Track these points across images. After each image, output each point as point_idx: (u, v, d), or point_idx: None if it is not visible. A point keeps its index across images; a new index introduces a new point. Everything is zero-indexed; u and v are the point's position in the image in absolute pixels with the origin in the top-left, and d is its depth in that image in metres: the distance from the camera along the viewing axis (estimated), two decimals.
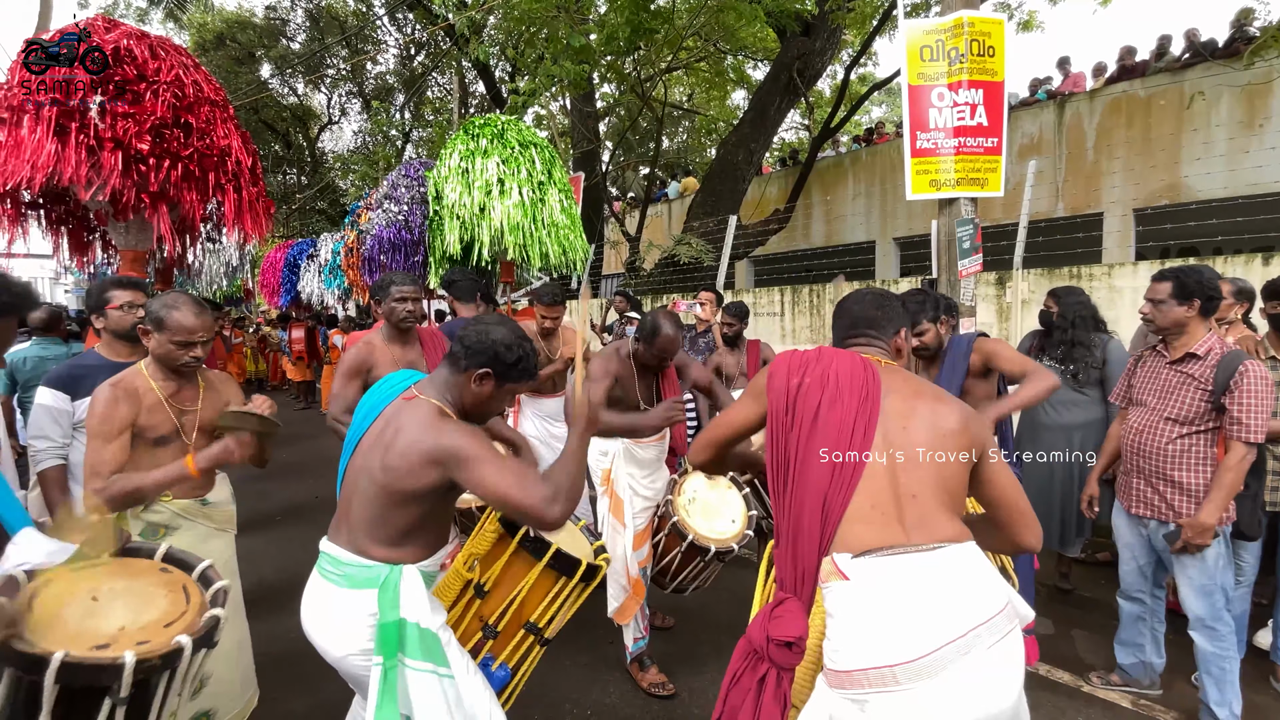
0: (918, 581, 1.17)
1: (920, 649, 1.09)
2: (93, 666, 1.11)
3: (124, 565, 1.38)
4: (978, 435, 1.34)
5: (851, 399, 1.29)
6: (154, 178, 2.67)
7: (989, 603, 1.17)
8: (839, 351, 1.41)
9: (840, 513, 1.21)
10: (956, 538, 1.23)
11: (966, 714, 1.09)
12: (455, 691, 1.45)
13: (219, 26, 19.33)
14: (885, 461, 1.25)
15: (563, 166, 4.78)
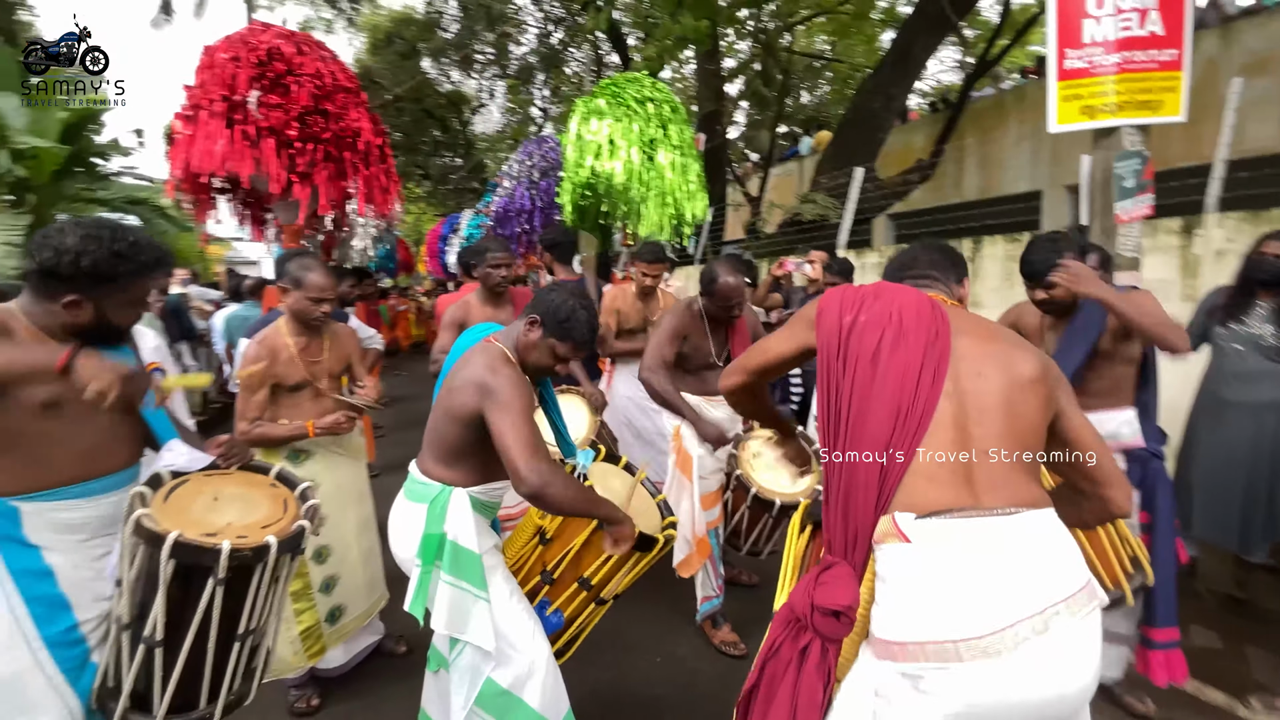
0: (990, 549, 1.04)
1: (990, 624, 0.99)
2: (196, 548, 1.36)
3: (244, 477, 1.67)
4: (1057, 384, 1.20)
5: (919, 339, 1.15)
6: (300, 160, 3.08)
7: (1070, 578, 1.04)
8: (901, 287, 1.26)
9: (903, 469, 1.10)
10: (1035, 503, 1.09)
11: (1034, 696, 0.99)
12: (488, 614, 1.57)
13: (389, 26, 21.36)
14: (954, 412, 1.12)
15: (686, 121, 4.61)
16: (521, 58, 21.55)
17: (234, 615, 1.45)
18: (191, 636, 1.40)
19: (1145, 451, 2.09)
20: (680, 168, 4.32)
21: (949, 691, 0.99)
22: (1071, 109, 2.81)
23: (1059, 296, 2.10)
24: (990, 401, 1.14)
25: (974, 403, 1.13)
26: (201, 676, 1.45)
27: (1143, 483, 2.09)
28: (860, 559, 1.14)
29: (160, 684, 1.40)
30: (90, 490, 1.48)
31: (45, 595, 1.43)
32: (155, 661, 1.39)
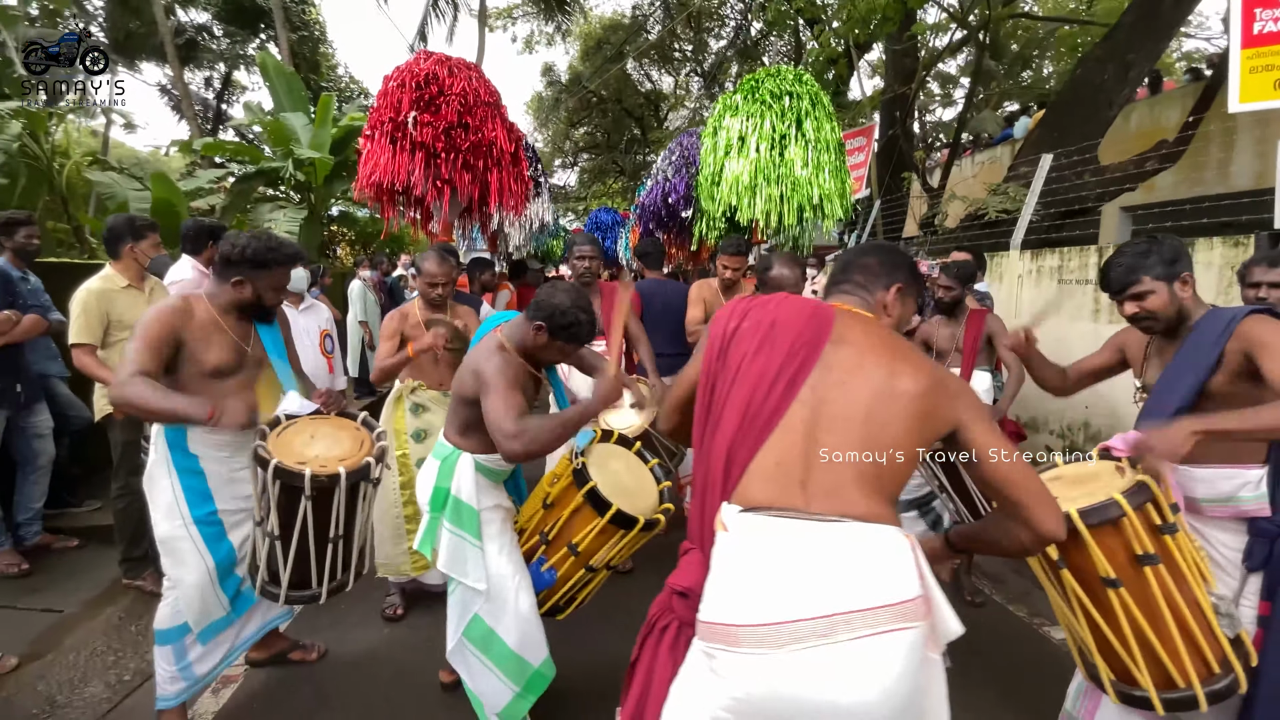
0: (795, 549, 1.06)
1: (770, 616, 1.02)
2: (288, 471, 1.83)
3: (338, 422, 2.14)
4: (953, 398, 1.16)
5: (783, 346, 1.18)
6: (444, 169, 3.67)
7: (874, 593, 1.02)
8: (793, 297, 1.28)
9: (744, 466, 1.14)
10: (867, 516, 1.08)
11: (808, 697, 0.99)
12: (481, 561, 1.84)
13: (599, 33, 23.07)
14: (806, 417, 1.13)
15: (829, 114, 4.41)
16: (718, 52, 21.79)
17: (324, 523, 1.93)
18: (296, 534, 1.91)
19: (1273, 525, 1.63)
20: (814, 163, 4.16)
21: (731, 675, 1.02)
22: (1262, 83, 2.20)
23: (1153, 308, 1.72)
24: (846, 411, 1.12)
25: (829, 411, 1.13)
26: (309, 565, 1.96)
27: (1267, 564, 1.64)
28: (710, 546, 1.18)
29: (281, 566, 1.93)
30: None
31: (197, 487, 2.03)
32: (276, 549, 1.93)
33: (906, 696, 1.02)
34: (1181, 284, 1.71)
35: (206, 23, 17.95)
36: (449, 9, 18.23)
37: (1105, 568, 1.51)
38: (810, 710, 0.99)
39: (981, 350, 3.04)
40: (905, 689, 1.01)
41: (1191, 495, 1.73)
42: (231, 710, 2.22)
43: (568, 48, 23.78)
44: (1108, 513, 1.48)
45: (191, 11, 17.56)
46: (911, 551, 1.09)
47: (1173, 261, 1.71)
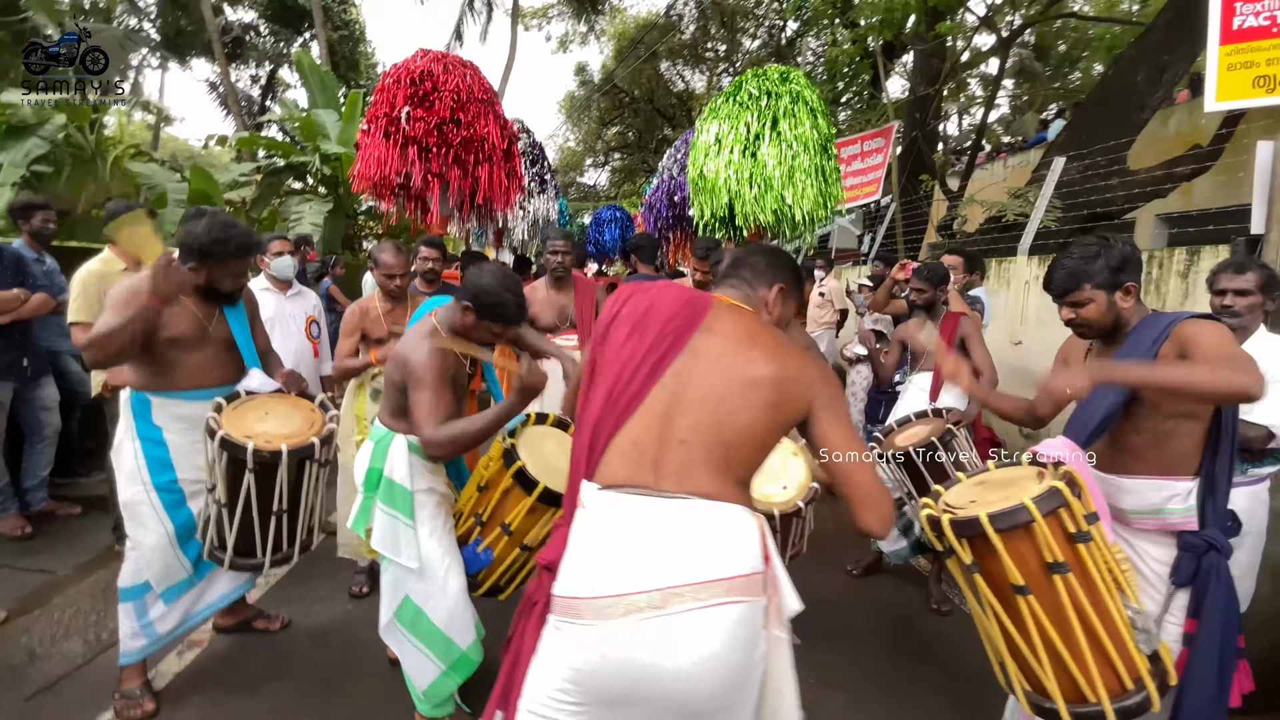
0: (640, 525, 1.11)
1: (608, 589, 1.07)
2: (233, 443, 1.93)
3: (295, 402, 2.24)
4: (799, 395, 1.19)
5: (652, 333, 1.22)
6: (435, 163, 3.77)
7: (708, 567, 1.06)
8: (670, 285, 1.33)
9: (606, 445, 1.18)
10: (714, 494, 1.12)
11: (643, 666, 1.04)
12: (414, 541, 1.90)
13: (633, 33, 23.15)
14: (665, 401, 1.17)
15: (816, 111, 4.31)
16: (751, 52, 21.64)
17: (267, 496, 2.03)
18: (240, 504, 2.01)
19: (1201, 540, 1.57)
20: (789, 162, 4.09)
21: (572, 646, 1.07)
22: (1240, 81, 2.11)
23: (1088, 316, 1.67)
24: (703, 396, 1.16)
25: (688, 395, 1.17)
26: (254, 534, 2.06)
27: (1194, 580, 1.59)
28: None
29: (227, 532, 2.04)
30: (195, 396, 2.16)
31: (159, 456, 2.14)
32: (223, 516, 2.03)
33: (735, 667, 1.06)
34: (1124, 293, 1.65)
35: (253, 21, 18.65)
36: (484, 8, 18.59)
37: (1015, 574, 1.48)
38: (641, 678, 1.03)
39: (956, 354, 2.97)
40: (734, 659, 1.05)
41: (1119, 506, 1.68)
42: (192, 671, 2.34)
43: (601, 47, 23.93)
44: (1016, 518, 1.45)
45: (239, 10, 18.28)
46: (755, 530, 1.13)
47: (1118, 270, 1.64)
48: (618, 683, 1.05)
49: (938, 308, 3.09)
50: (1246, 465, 2.00)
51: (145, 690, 2.13)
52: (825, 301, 6.49)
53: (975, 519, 1.48)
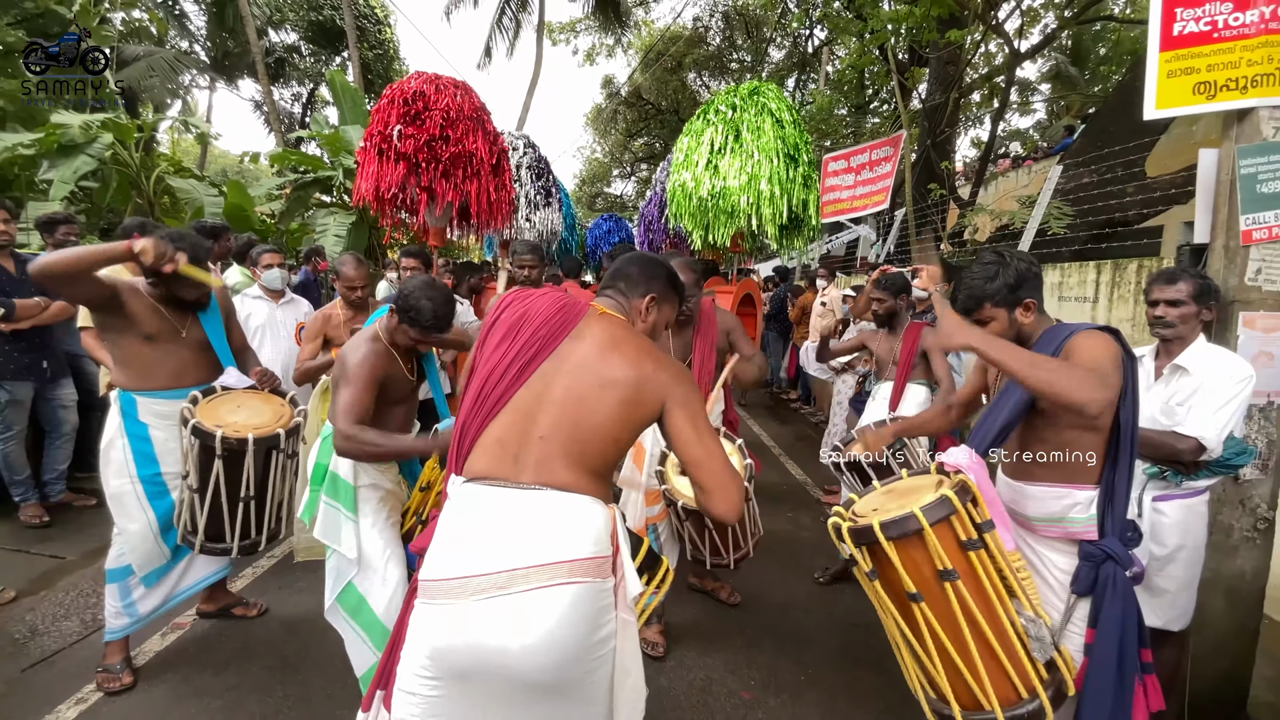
0: (492, 513, 1.20)
1: (457, 570, 1.16)
2: (204, 431, 2.11)
3: (267, 397, 2.41)
4: (653, 396, 1.28)
5: (523, 337, 1.33)
6: (425, 178, 3.95)
7: (550, 550, 1.15)
8: (547, 292, 1.42)
9: (472, 442, 1.28)
10: (566, 486, 1.21)
11: (488, 644, 1.13)
12: (355, 533, 2.03)
13: (660, 45, 23.41)
14: (530, 400, 1.27)
15: (783, 122, 4.35)
16: (777, 62, 21.64)
17: (235, 483, 2.20)
18: (210, 490, 2.18)
19: (1098, 549, 1.58)
20: (749, 172, 4.11)
21: (429, 624, 1.17)
22: (1180, 88, 2.11)
23: (993, 333, 1.70)
24: (564, 396, 1.25)
25: (551, 395, 1.26)
26: (223, 520, 2.23)
27: (1094, 589, 1.59)
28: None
29: (199, 516, 2.21)
30: (177, 394, 2.34)
31: (144, 450, 2.33)
32: (195, 502, 2.21)
33: (574, 644, 1.14)
34: (1024, 310, 1.67)
35: (295, 43, 19.54)
36: (512, 25, 19.08)
37: (908, 582, 1.52)
38: (486, 653, 1.12)
39: (917, 364, 2.99)
40: (573, 637, 1.13)
41: (1025, 513, 1.70)
42: (171, 650, 2.52)
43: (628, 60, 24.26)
44: (906, 526, 1.49)
45: (282, 32, 19.19)
46: (603, 518, 1.22)
47: (1015, 288, 1.66)
48: (466, 658, 1.14)
49: (901, 317, 3.10)
50: (1180, 478, 1.98)
51: (125, 665, 2.31)
52: (827, 310, 6.47)
53: (869, 527, 1.53)
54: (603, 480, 1.28)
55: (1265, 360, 2.08)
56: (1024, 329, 1.67)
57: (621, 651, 1.24)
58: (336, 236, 8.55)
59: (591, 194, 27.25)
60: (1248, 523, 2.16)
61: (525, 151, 6.34)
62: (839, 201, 8.67)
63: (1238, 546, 2.17)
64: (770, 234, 4.23)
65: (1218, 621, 2.22)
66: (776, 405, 8.12)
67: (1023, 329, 1.67)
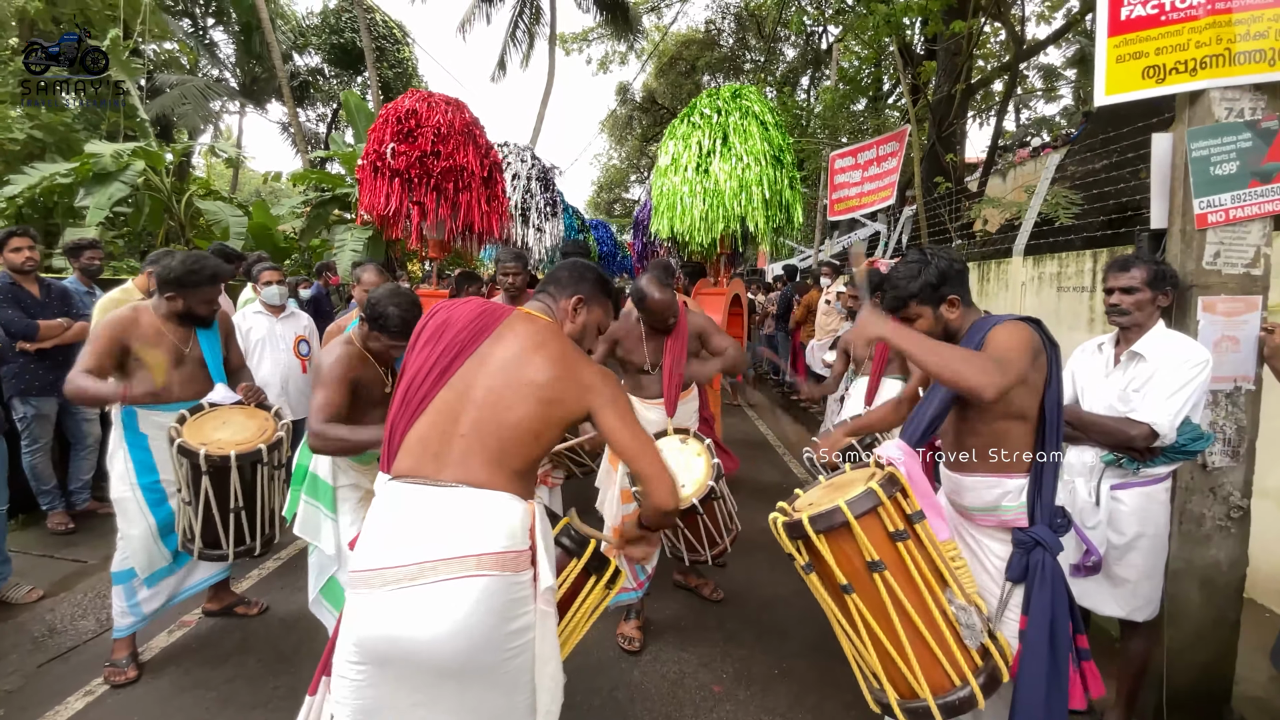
0: (410, 509, 1.27)
1: (373, 563, 1.24)
2: (188, 449, 2.25)
3: (253, 412, 2.55)
4: (575, 396, 1.35)
5: (444, 341, 1.40)
6: (417, 193, 4.10)
7: (461, 544, 1.22)
8: (474, 301, 1.49)
9: (399, 442, 1.36)
10: (483, 483, 1.28)
11: (401, 634, 1.20)
12: (334, 531, 2.15)
13: (673, 50, 23.52)
14: (452, 400, 1.34)
15: (769, 125, 4.36)
16: (790, 61, 21.53)
17: (223, 495, 2.33)
18: (201, 502, 2.32)
19: (1028, 536, 1.59)
20: (739, 177, 4.15)
21: (353, 612, 1.24)
22: (1129, 72, 2.10)
23: (921, 330, 1.72)
24: (484, 397, 1.32)
25: (471, 396, 1.33)
26: (216, 529, 2.37)
27: (1025, 577, 1.60)
28: None
29: (194, 528, 2.35)
30: (174, 408, 2.50)
31: (144, 460, 2.49)
32: (189, 513, 2.35)
33: (485, 634, 1.20)
34: (948, 305, 1.69)
35: (319, 65, 20.21)
36: (525, 38, 19.41)
37: (839, 574, 1.56)
38: (401, 643, 1.20)
39: (893, 359, 2.99)
40: (482, 628, 1.19)
41: (963, 503, 1.72)
42: (176, 646, 2.68)
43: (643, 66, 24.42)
44: (833, 519, 1.52)
45: (306, 56, 19.87)
46: (519, 513, 1.28)
47: (937, 286, 1.68)
48: (384, 646, 1.21)
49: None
50: (1136, 465, 1.96)
51: (130, 660, 2.47)
52: (832, 308, 6.45)
53: (799, 522, 1.57)
54: (523, 477, 1.33)
55: (1230, 345, 2.05)
56: (951, 324, 1.70)
57: (540, 641, 1.29)
58: (354, 251, 8.83)
59: (610, 200, 27.46)
60: (1220, 511, 2.12)
61: (534, 164, 6.48)
62: (847, 199, 8.62)
63: (1210, 535, 2.13)
64: (763, 234, 4.26)
65: (1194, 613, 2.17)
66: (785, 403, 8.10)
67: (949, 324, 1.70)
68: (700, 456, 2.46)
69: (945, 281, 1.67)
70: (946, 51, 9.15)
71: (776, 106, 4.33)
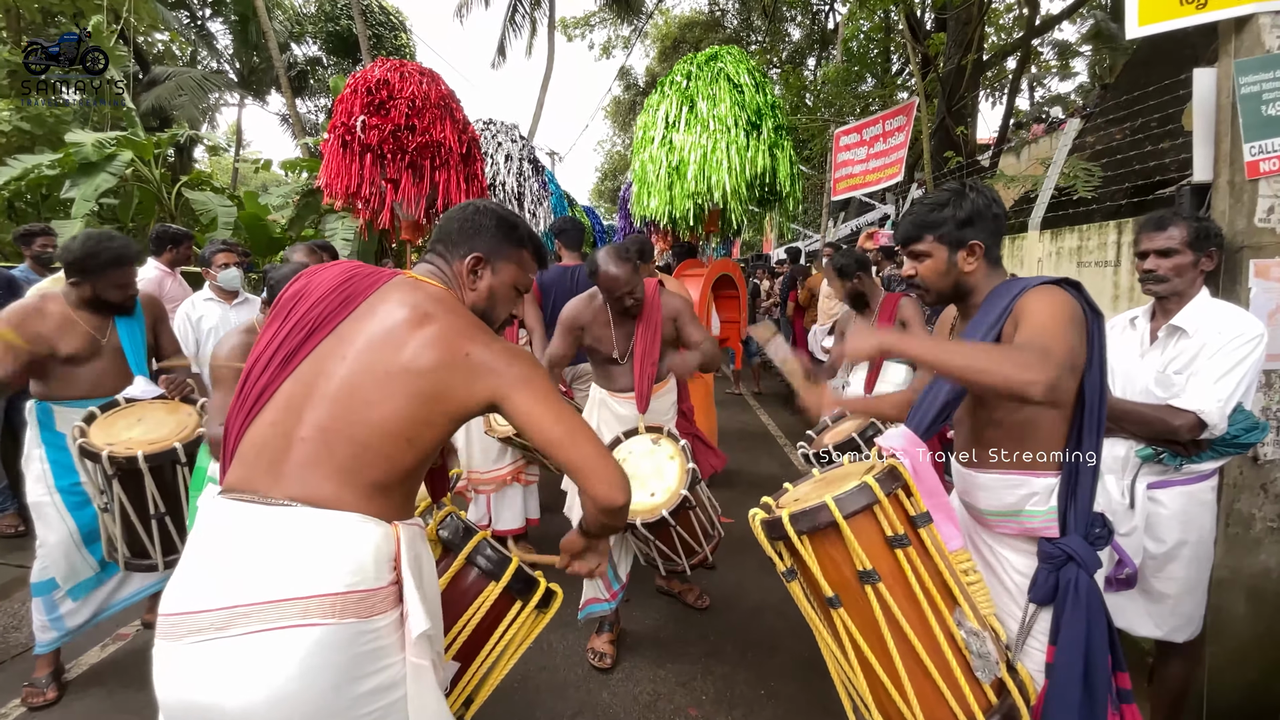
0: (231, 535, 0.99)
1: (174, 605, 0.96)
2: (90, 452, 2.01)
3: (175, 406, 2.31)
4: (467, 384, 1.06)
5: (294, 318, 1.10)
6: (391, 169, 3.83)
7: (286, 584, 0.93)
8: (342, 264, 1.18)
9: (234, 447, 1.09)
10: (329, 501, 0.99)
11: (200, 701, 0.91)
12: None
13: (675, 33, 23.04)
14: (297, 395, 1.05)
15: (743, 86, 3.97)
16: (796, 41, 21.02)
17: (140, 500, 2.10)
18: (117, 508, 2.09)
19: (1058, 549, 1.31)
20: (707, 146, 3.76)
21: (155, 667, 0.96)
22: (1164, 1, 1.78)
23: (924, 274, 1.44)
24: (336, 388, 1.04)
25: (321, 387, 1.04)
26: (139, 536, 2.14)
27: (1055, 598, 1.32)
28: None
29: (115, 536, 2.13)
30: (89, 404, 2.26)
31: (62, 460, 2.26)
32: (107, 520, 2.12)
33: (321, 705, 0.91)
34: (968, 253, 1.40)
35: (316, 54, 19.96)
36: (525, 22, 19.03)
37: (824, 584, 1.30)
38: (201, 714, 0.91)
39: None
40: (314, 692, 0.91)
41: (976, 505, 1.44)
42: (109, 662, 2.47)
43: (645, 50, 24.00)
44: (817, 518, 1.26)
45: (303, 45, 19.62)
46: (374, 543, 0.99)
47: (965, 224, 1.38)
48: (188, 715, 0.93)
49: (872, 293, 2.81)
50: (1179, 460, 1.67)
51: (51, 680, 2.25)
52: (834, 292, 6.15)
53: (779, 520, 1.31)
54: (386, 493, 1.03)
55: None
56: (964, 277, 1.40)
57: (415, 701, 1.00)
58: (345, 240, 8.61)
59: (614, 187, 27.09)
60: (1271, 511, 1.83)
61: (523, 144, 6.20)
62: (851, 177, 8.24)
63: (1260, 540, 1.84)
64: (734, 209, 3.90)
65: (1238, 627, 1.89)
66: (790, 392, 7.80)
67: (963, 277, 1.40)
68: (674, 460, 2.18)
69: (974, 222, 1.37)
70: (957, 20, 8.73)
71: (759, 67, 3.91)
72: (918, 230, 1.42)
